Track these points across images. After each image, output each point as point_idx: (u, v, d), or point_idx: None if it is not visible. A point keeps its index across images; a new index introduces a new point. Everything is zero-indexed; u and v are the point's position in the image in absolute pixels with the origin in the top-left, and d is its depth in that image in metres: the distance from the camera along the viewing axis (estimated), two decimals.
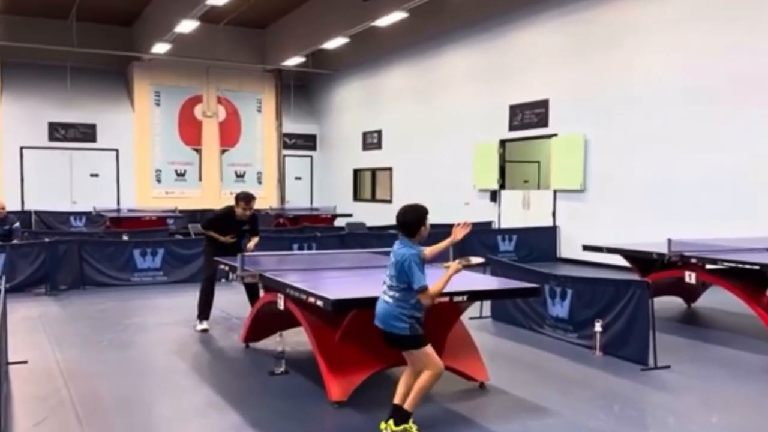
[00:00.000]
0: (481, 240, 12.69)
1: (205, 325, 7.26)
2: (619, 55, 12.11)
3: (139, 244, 10.57)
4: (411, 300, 3.99)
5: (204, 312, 7.31)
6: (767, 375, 5.90)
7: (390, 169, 18.96)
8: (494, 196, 15.02)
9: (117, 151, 19.75)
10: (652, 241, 7.99)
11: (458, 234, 4.19)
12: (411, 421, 4.06)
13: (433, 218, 3.95)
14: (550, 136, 13.57)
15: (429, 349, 4.06)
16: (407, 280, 3.96)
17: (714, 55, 10.54)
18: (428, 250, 4.20)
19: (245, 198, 7.19)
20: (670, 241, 7.17)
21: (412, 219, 4.10)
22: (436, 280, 3.99)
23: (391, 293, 4.05)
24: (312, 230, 12.93)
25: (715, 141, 10.50)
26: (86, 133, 19.33)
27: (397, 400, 4.08)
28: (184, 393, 5.17)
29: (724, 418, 4.61)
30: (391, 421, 4.05)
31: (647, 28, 11.57)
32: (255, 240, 7.35)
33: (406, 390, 4.08)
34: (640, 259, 7.91)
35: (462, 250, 11.24)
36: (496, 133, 14.76)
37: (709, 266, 6.99)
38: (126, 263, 10.35)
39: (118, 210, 16.97)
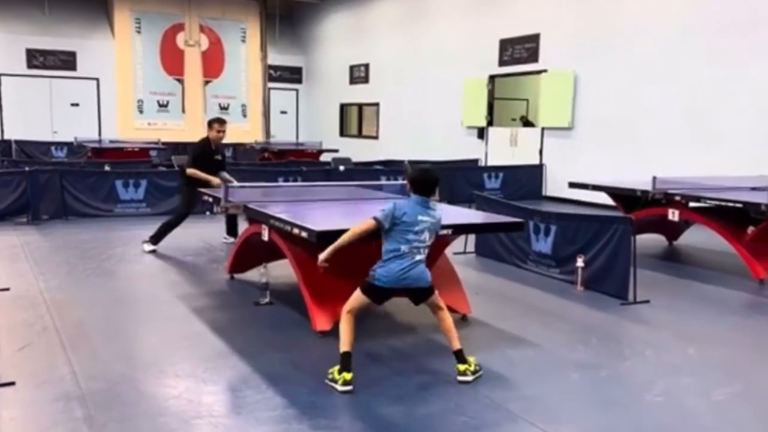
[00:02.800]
0: (467, 177, 12.68)
1: (151, 247, 7.59)
2: None
3: (121, 175, 10.44)
4: None
5: (156, 236, 7.62)
6: (745, 310, 6.05)
7: (377, 104, 18.70)
8: (482, 133, 14.91)
9: (98, 80, 19.25)
10: (638, 180, 8.01)
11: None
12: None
13: (420, 155, 3.92)
14: (539, 72, 13.39)
15: None
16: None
17: None
18: None
19: (219, 120, 7.58)
20: (654, 178, 7.21)
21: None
22: None
23: (423, 253, 4.04)
24: (298, 165, 12.81)
25: (707, 80, 10.41)
26: (66, 61, 18.78)
27: (456, 346, 4.09)
28: (170, 322, 5.19)
29: (701, 351, 4.72)
30: (467, 363, 4.08)
31: None
32: (226, 176, 7.52)
33: (446, 333, 4.15)
34: (624, 197, 7.95)
35: (450, 188, 11.29)
36: (485, 69, 14.53)
37: (692, 204, 7.05)
38: (108, 194, 10.25)
39: (100, 141, 16.68)
